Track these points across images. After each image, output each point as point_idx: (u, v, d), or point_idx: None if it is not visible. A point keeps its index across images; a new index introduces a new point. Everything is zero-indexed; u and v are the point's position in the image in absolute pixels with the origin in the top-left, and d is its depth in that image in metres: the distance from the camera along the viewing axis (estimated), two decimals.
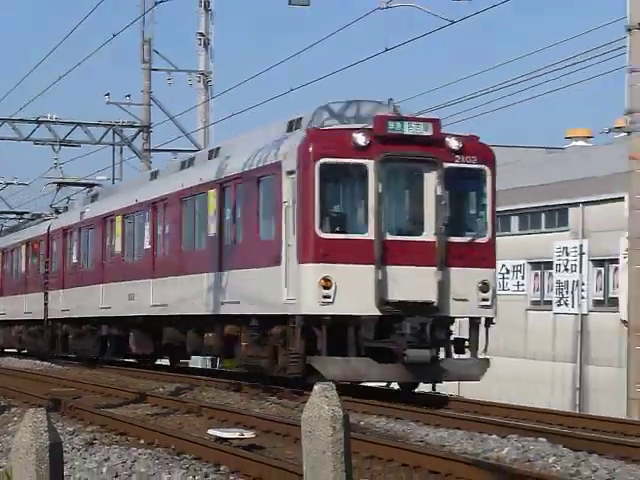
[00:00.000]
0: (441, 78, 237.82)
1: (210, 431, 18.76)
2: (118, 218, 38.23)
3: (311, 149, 24.52)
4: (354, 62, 37.56)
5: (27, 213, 66.98)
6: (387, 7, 31.46)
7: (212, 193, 29.77)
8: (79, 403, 24.92)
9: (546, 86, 35.94)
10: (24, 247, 52.05)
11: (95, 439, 18.90)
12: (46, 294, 47.22)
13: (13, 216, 72.00)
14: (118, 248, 38.38)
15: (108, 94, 52.23)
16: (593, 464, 15.37)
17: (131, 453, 16.83)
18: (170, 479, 14.50)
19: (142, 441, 18.65)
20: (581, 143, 71.67)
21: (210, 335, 30.21)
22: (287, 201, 25.10)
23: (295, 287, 24.74)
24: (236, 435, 18.04)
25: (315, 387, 5.66)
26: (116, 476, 14.95)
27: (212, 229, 29.85)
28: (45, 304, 47.39)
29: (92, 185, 52.35)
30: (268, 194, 26.79)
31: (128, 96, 52.36)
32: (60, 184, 54.95)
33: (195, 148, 46.50)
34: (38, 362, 45.94)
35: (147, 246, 35.27)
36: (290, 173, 25.06)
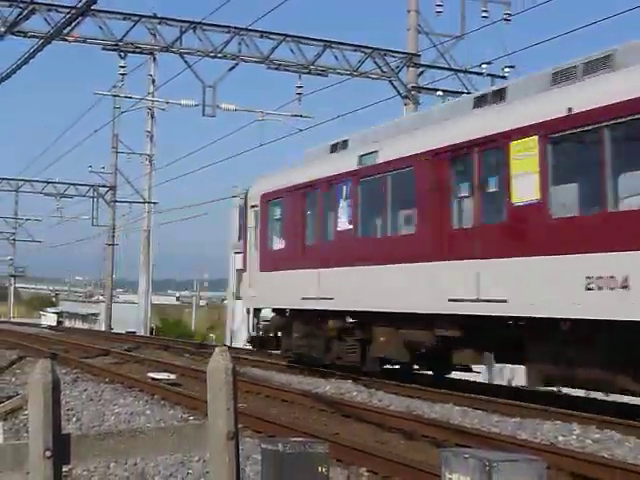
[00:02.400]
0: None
1: (148, 374, 18.53)
2: None
3: None
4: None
5: None
6: (262, 119, 31.92)
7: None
8: (68, 355, 24.49)
9: None
10: None
11: (78, 377, 18.70)
12: None
13: None
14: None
15: (90, 166, 52.07)
16: (380, 397, 15.32)
17: (100, 386, 16.72)
18: (124, 403, 14.22)
19: (107, 379, 18.40)
20: None
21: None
22: None
23: None
24: (165, 376, 17.85)
25: (216, 349, 5.68)
26: (91, 400, 14.74)
27: None
28: None
29: None
30: None
31: (103, 167, 51.95)
32: None
33: (142, 201, 46.02)
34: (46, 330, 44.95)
35: None
36: None
